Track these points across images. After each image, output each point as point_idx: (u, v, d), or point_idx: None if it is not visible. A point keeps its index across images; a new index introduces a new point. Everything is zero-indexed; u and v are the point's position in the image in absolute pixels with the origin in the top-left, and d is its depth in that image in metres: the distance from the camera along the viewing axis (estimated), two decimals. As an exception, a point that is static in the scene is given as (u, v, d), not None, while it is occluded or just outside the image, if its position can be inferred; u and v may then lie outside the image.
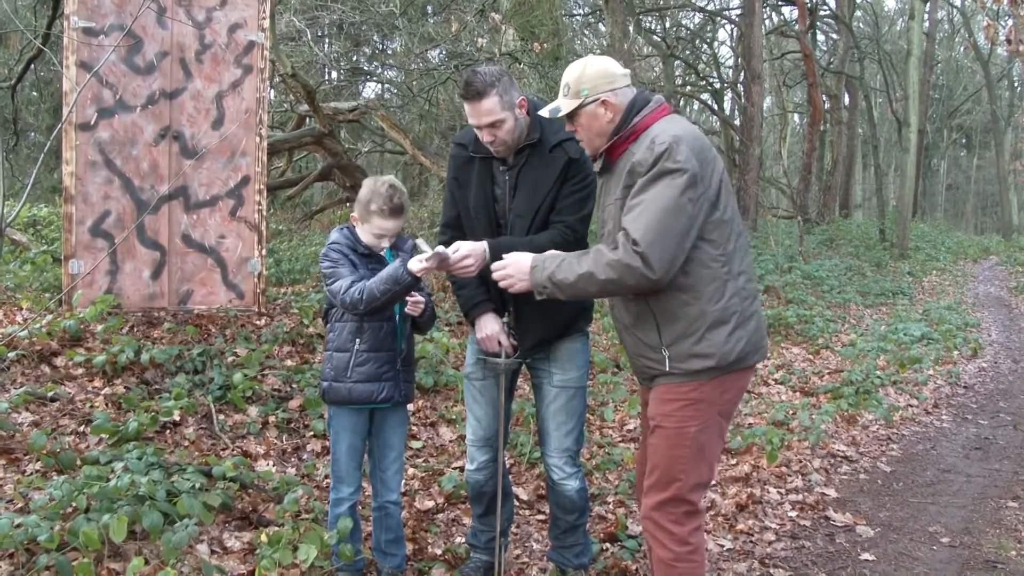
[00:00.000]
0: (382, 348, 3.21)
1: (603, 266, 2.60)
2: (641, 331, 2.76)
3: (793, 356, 8.63)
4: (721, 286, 2.64)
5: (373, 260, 3.22)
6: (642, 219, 2.55)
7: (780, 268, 12.81)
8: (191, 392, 4.89)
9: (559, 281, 2.69)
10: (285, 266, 8.66)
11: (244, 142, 6.07)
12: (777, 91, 21.82)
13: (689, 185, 2.54)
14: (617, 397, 6.19)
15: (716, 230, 2.64)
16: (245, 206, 6.11)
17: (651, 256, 2.52)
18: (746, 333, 2.69)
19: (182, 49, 5.89)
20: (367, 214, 3.16)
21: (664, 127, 2.66)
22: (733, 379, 2.73)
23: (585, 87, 2.74)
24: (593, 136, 2.80)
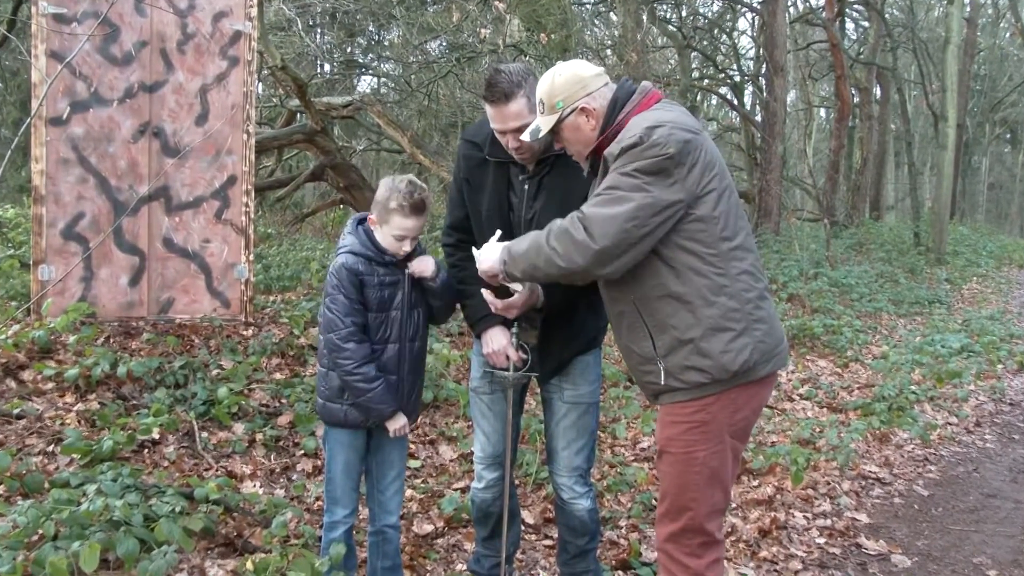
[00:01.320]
0: (385, 371, 3.20)
1: (551, 236, 2.62)
2: (635, 343, 2.74)
3: (819, 369, 8.59)
4: (715, 289, 2.59)
5: (389, 268, 3.20)
6: (596, 198, 2.58)
7: (805, 275, 12.77)
8: (172, 408, 4.88)
9: (515, 252, 2.74)
10: (274, 272, 8.64)
11: (230, 139, 6.07)
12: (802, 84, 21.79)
13: (656, 170, 2.51)
14: (630, 413, 6.17)
15: (704, 228, 2.59)
16: (231, 208, 6.10)
17: (592, 224, 2.52)
18: (752, 340, 2.63)
19: (163, 39, 5.89)
20: (386, 213, 3.14)
21: (645, 117, 2.64)
22: (745, 395, 2.68)
23: (559, 99, 2.74)
24: (581, 146, 2.81)
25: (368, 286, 3.15)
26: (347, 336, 3.10)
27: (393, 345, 3.20)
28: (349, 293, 3.11)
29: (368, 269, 3.16)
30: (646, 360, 2.72)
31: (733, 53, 21.94)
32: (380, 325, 3.17)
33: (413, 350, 3.27)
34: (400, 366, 3.22)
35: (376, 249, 3.17)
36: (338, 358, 3.11)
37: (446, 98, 14.12)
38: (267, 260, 9.42)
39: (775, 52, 15.74)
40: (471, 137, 3.30)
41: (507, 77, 2.98)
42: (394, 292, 3.19)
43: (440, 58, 13.31)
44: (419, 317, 3.28)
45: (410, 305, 3.24)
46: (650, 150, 2.51)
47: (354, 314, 3.12)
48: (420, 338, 3.31)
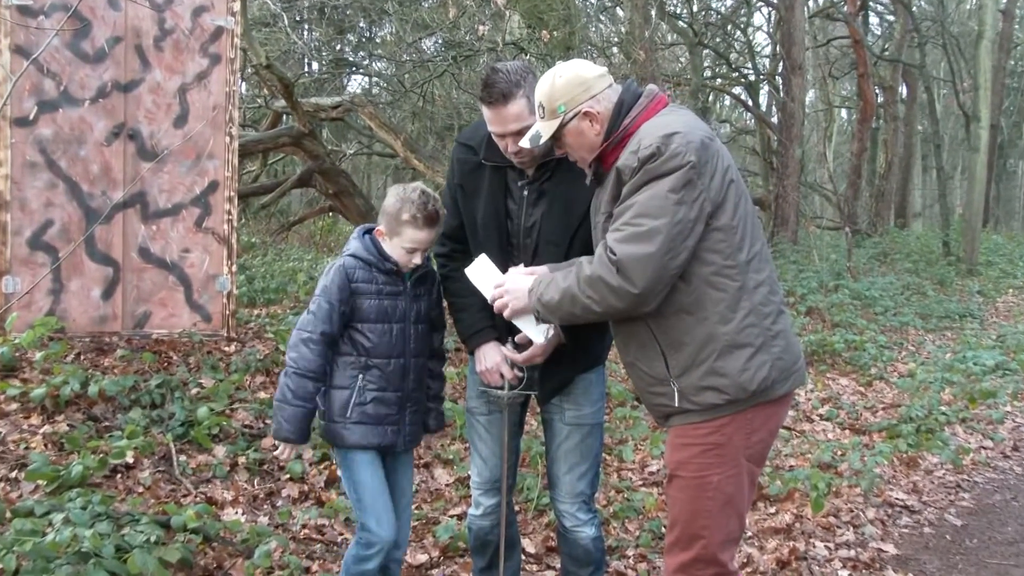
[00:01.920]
0: (389, 387, 3.21)
1: (582, 283, 2.61)
2: (646, 362, 2.73)
3: (841, 388, 8.57)
4: (732, 303, 2.60)
5: (390, 277, 3.21)
6: (623, 228, 2.55)
7: (825, 287, 12.76)
8: (147, 430, 4.86)
9: (547, 302, 2.72)
10: (259, 284, 8.64)
11: (211, 142, 6.07)
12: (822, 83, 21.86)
13: (683, 184, 2.51)
14: (637, 434, 6.15)
15: (723, 238, 2.60)
16: (213, 215, 6.10)
17: (628, 268, 2.51)
18: (770, 357, 2.63)
19: (138, 34, 5.90)
20: (397, 225, 3.15)
21: (655, 124, 2.64)
22: (762, 415, 2.68)
23: (560, 102, 2.73)
24: (585, 152, 2.80)
25: (364, 295, 3.17)
26: (307, 340, 3.12)
27: (398, 360, 3.22)
28: (333, 299, 3.13)
29: (367, 276, 3.18)
30: (658, 381, 2.71)
31: (748, 51, 21.97)
32: (383, 337, 3.19)
33: (418, 367, 3.29)
34: (404, 382, 3.24)
35: (380, 255, 3.19)
36: (288, 355, 3.15)
37: (442, 99, 14.14)
38: (251, 271, 9.41)
39: (793, 49, 15.77)
40: (466, 140, 3.30)
41: (505, 76, 2.97)
42: (395, 304, 3.21)
43: (435, 56, 13.33)
44: (424, 332, 3.30)
45: (415, 318, 3.25)
46: (671, 162, 2.51)
47: (327, 323, 3.13)
48: (425, 355, 3.33)
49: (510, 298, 2.89)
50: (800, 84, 16.12)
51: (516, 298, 2.88)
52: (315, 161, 11.45)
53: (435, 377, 3.44)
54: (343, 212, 12.22)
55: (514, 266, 3.21)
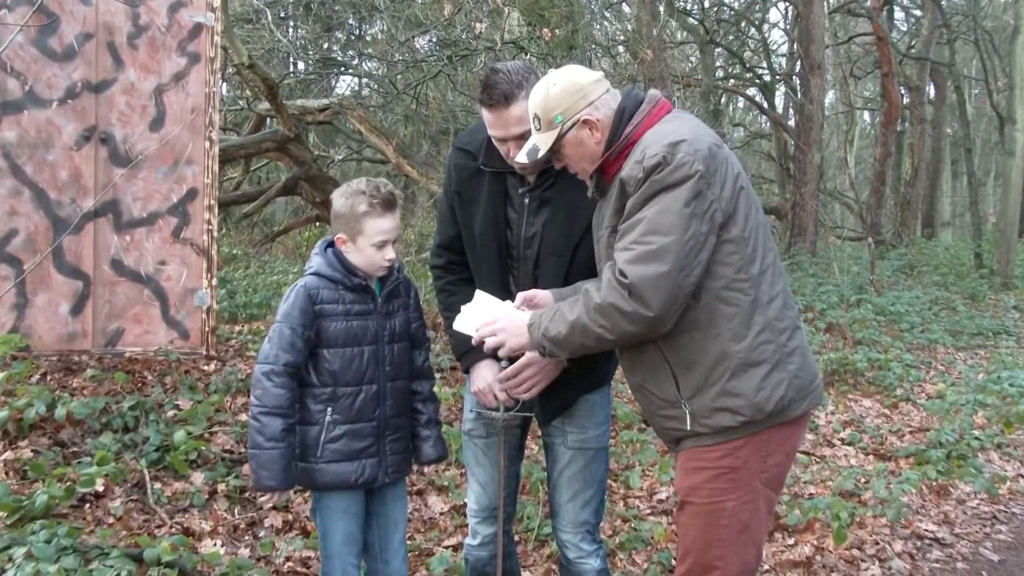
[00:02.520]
0: (362, 418, 3.16)
1: (592, 312, 2.59)
2: (654, 384, 2.73)
3: (864, 410, 8.55)
4: (746, 318, 2.60)
5: (359, 295, 3.17)
6: (632, 247, 2.55)
7: (846, 301, 12.74)
8: (119, 455, 4.84)
9: (555, 337, 2.69)
10: (240, 299, 8.64)
11: (190, 147, 6.08)
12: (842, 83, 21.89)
13: (692, 195, 2.52)
14: (645, 459, 6.13)
15: (734, 250, 2.60)
16: (191, 225, 6.10)
17: (640, 290, 2.50)
18: (786, 375, 2.64)
19: (110, 31, 5.91)
20: (356, 222, 3.10)
21: (660, 132, 2.65)
22: (778, 437, 2.68)
23: (557, 112, 2.73)
24: (586, 164, 2.80)
25: (330, 316, 3.11)
26: (269, 373, 3.04)
27: (369, 387, 3.17)
28: (295, 324, 3.07)
29: (333, 295, 3.13)
30: (668, 403, 2.71)
31: (763, 49, 22.07)
32: (351, 363, 3.13)
33: (396, 392, 3.24)
34: (379, 410, 3.19)
35: (345, 270, 3.15)
36: (252, 393, 3.09)
37: (436, 101, 14.17)
38: (232, 285, 9.41)
39: (811, 47, 15.82)
40: (463, 145, 3.31)
41: (506, 77, 2.98)
42: (364, 324, 3.16)
43: (430, 56, 13.35)
44: (401, 352, 3.25)
45: (389, 338, 3.21)
46: (678, 172, 2.51)
47: (291, 352, 3.06)
48: (406, 377, 3.28)
49: (506, 336, 2.85)
50: (819, 85, 16.17)
51: (514, 335, 2.84)
52: (301, 167, 11.47)
53: (426, 400, 3.38)
54: (330, 221, 12.22)
55: (513, 278, 3.21)
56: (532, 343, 2.79)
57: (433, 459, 3.40)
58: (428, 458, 3.38)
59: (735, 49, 21.38)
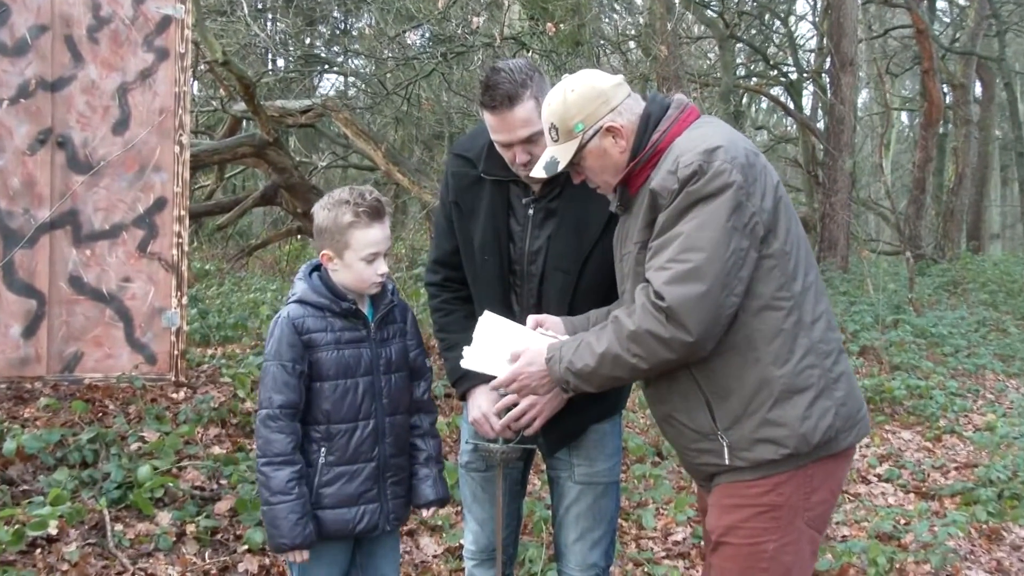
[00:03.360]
0: (360, 458, 3.15)
1: (624, 340, 2.59)
2: (686, 414, 2.73)
3: (903, 443, 8.52)
4: (789, 340, 2.61)
5: (349, 321, 3.15)
6: (668, 266, 2.54)
7: (882, 322, 12.72)
8: (76, 494, 4.82)
9: (580, 371, 2.68)
10: (213, 319, 8.63)
11: (158, 152, 6.08)
12: (878, 81, 21.87)
13: (733, 208, 2.52)
14: (659, 496, 6.10)
15: (775, 265, 2.61)
16: (159, 238, 6.10)
17: (680, 314, 2.50)
18: (833, 403, 2.64)
19: (68, 23, 5.92)
20: (342, 235, 3.08)
21: (691, 138, 2.65)
22: (823, 472, 2.68)
23: (577, 120, 2.73)
24: (609, 176, 2.80)
25: (320, 347, 3.09)
26: (266, 419, 3.04)
27: (366, 422, 3.14)
28: (285, 360, 3.05)
29: (320, 323, 3.11)
30: (702, 436, 2.71)
31: (789, 44, 22.08)
32: (345, 396, 3.11)
33: (396, 427, 3.22)
34: (378, 448, 3.17)
35: (333, 295, 3.13)
36: (255, 443, 3.09)
37: (429, 103, 14.17)
38: (204, 304, 9.40)
39: (843, 42, 15.85)
40: (462, 151, 3.32)
41: (509, 76, 3.00)
42: (357, 353, 3.14)
43: (422, 53, 13.37)
44: (400, 383, 3.23)
45: (385, 368, 3.19)
46: (715, 181, 2.52)
47: (285, 391, 3.04)
48: (405, 411, 3.27)
49: (530, 380, 2.83)
50: (851, 83, 16.19)
51: (537, 379, 2.82)
52: (281, 175, 11.48)
53: (426, 435, 3.35)
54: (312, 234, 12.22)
55: (516, 296, 3.21)
56: (553, 379, 2.77)
57: (432, 501, 3.34)
58: (427, 500, 3.33)
59: (758, 44, 21.40)
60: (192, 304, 8.33)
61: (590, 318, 3.07)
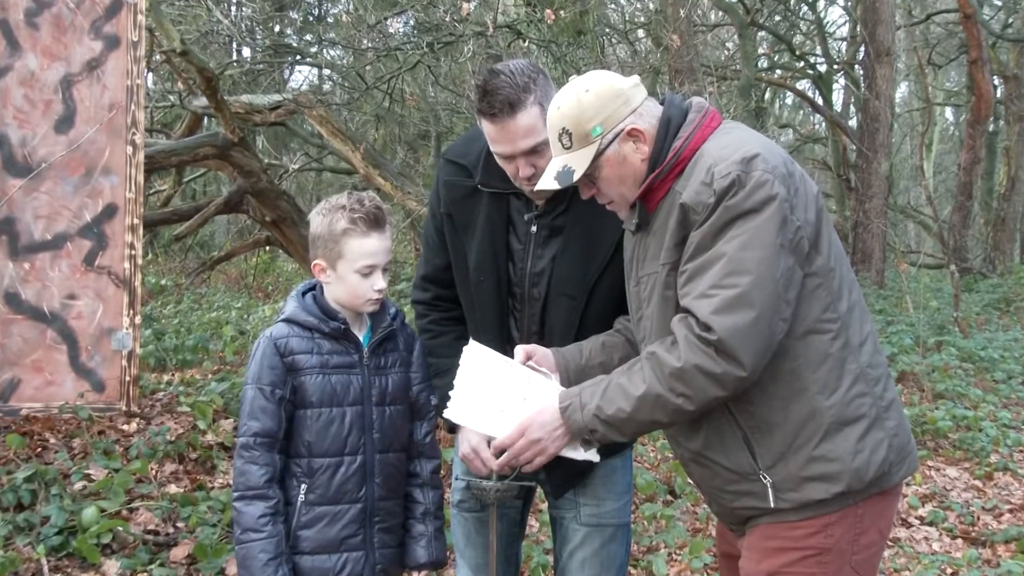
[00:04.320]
0: (344, 498, 3.12)
1: (669, 379, 2.56)
2: (720, 452, 2.72)
3: (949, 481, 8.50)
4: (837, 366, 2.61)
5: (340, 344, 3.14)
6: (711, 292, 2.53)
7: (924, 345, 12.72)
8: (10, 540, 4.79)
9: (612, 417, 2.65)
10: (170, 341, 8.61)
11: (107, 153, 6.07)
12: (918, 73, 21.91)
13: (779, 223, 2.52)
14: (672, 539, 6.08)
15: (820, 283, 2.62)
16: (108, 250, 6.08)
17: (730, 346, 2.48)
18: (885, 434, 2.65)
19: (3, 6, 5.92)
20: (336, 244, 3.08)
21: (722, 146, 2.64)
22: (873, 511, 2.68)
23: (595, 123, 2.71)
24: (627, 188, 2.77)
25: (304, 370, 3.09)
26: (242, 448, 3.04)
27: (352, 458, 3.12)
28: (264, 383, 3.05)
29: (306, 345, 3.11)
30: (740, 476, 2.70)
31: (817, 32, 22.15)
32: (328, 427, 3.09)
33: (388, 467, 3.19)
34: (365, 488, 3.14)
35: (323, 313, 3.13)
36: (232, 475, 3.07)
37: (414, 98, 14.21)
38: (160, 324, 9.39)
39: (879, 29, 15.89)
40: (456, 157, 3.31)
41: (509, 80, 2.98)
42: (346, 380, 3.13)
43: (406, 43, 13.38)
44: (395, 418, 3.21)
45: (378, 399, 3.17)
46: (757, 194, 2.51)
47: (262, 418, 3.04)
48: (400, 450, 3.24)
49: (542, 434, 2.79)
50: (888, 75, 16.23)
51: (549, 433, 2.79)
52: (247, 179, 11.44)
53: (424, 486, 3.31)
54: (284, 246, 12.22)
55: (515, 322, 3.19)
56: (572, 431, 2.74)
57: (425, 564, 3.30)
58: (418, 562, 3.28)
59: (782, 32, 21.46)
60: (146, 324, 8.32)
61: (583, 350, 3.06)
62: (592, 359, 3.10)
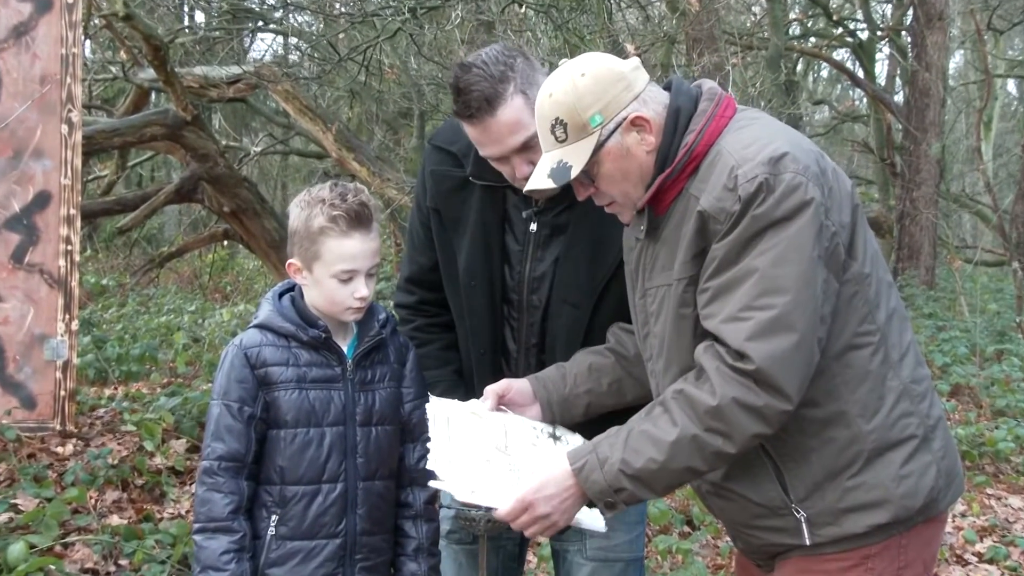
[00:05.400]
0: (320, 532, 3.11)
1: (704, 417, 2.53)
2: (747, 484, 2.72)
3: (1011, 512, 8.51)
4: (878, 384, 2.61)
5: (319, 355, 3.12)
6: (741, 314, 2.51)
7: (981, 354, 12.72)
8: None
9: (642, 471, 2.60)
10: (112, 350, 8.61)
11: (39, 133, 6.06)
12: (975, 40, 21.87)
13: (815, 231, 2.50)
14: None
15: (856, 291, 2.61)
16: (41, 245, 6.07)
17: (772, 376, 2.47)
18: (932, 457, 2.65)
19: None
20: (312, 243, 3.05)
21: (744, 143, 2.61)
22: (919, 541, 2.69)
23: (594, 110, 2.67)
24: (630, 185, 2.74)
25: (278, 384, 3.07)
26: (204, 473, 3.03)
27: (332, 486, 3.11)
28: (231, 399, 3.04)
29: (281, 355, 3.09)
30: (770, 511, 2.70)
31: (857, -5, 22.16)
32: (305, 450, 3.08)
33: (373, 496, 3.18)
34: (346, 522, 3.13)
35: (302, 320, 3.11)
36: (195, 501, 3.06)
37: (394, 71, 14.20)
38: (101, 330, 9.39)
39: (927, -8, 15.86)
40: (444, 144, 3.32)
41: (483, 72, 2.98)
42: (326, 396, 3.11)
43: (384, 8, 13.39)
44: (383, 440, 3.19)
45: (364, 418, 3.16)
46: (789, 199, 2.48)
47: (228, 438, 3.03)
48: (388, 477, 3.22)
49: (549, 507, 2.71)
50: (940, 43, 16.22)
51: (559, 503, 2.71)
52: (202, 163, 11.44)
53: (417, 518, 3.29)
54: (244, 240, 12.21)
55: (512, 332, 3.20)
56: (592, 494, 2.67)
57: None
58: None
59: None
60: (84, 330, 8.31)
61: (566, 376, 3.07)
62: (577, 387, 3.10)
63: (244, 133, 16.87)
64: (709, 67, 10.84)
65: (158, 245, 16.42)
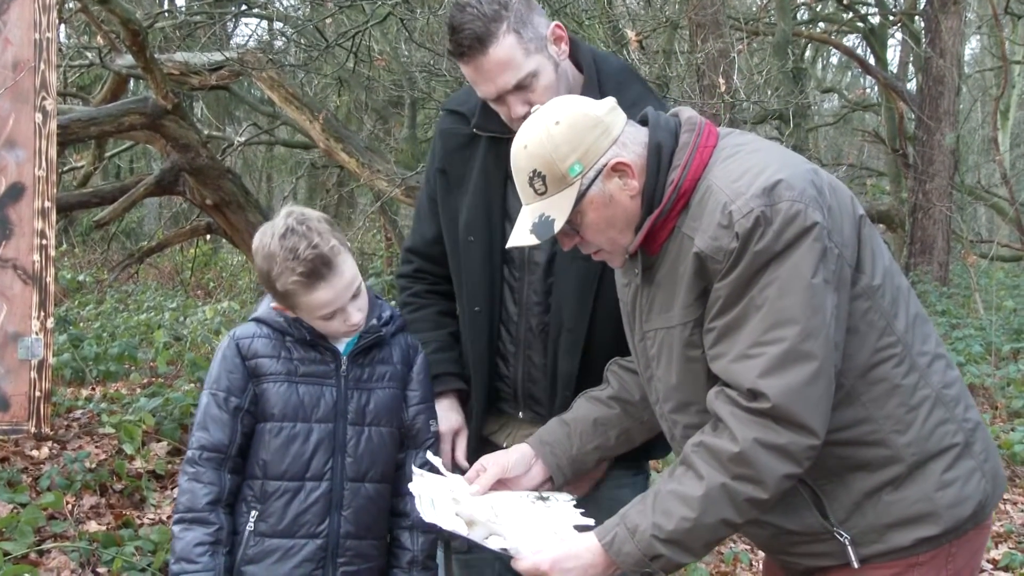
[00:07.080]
0: (297, 531, 3.12)
1: (729, 465, 2.53)
2: (785, 515, 2.72)
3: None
4: (906, 397, 2.62)
5: (315, 351, 3.17)
6: (752, 351, 2.51)
7: (997, 353, 12.73)
8: None
9: (675, 532, 2.58)
10: (90, 349, 8.61)
11: (12, 122, 6.06)
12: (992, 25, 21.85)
13: (818, 257, 2.49)
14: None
15: (869, 305, 2.62)
16: (14, 239, 6.07)
17: (793, 412, 2.47)
18: (976, 462, 2.67)
19: None
20: (283, 299, 3.11)
21: (733, 177, 2.59)
22: (966, 550, 2.71)
23: (572, 160, 2.65)
24: (616, 232, 2.73)
25: (267, 376, 3.11)
26: (186, 463, 3.07)
27: (315, 484, 3.13)
28: (220, 389, 3.09)
29: (273, 348, 3.14)
30: (811, 537, 2.71)
31: (869, -23, 22.15)
32: (289, 445, 3.10)
33: (362, 499, 3.19)
34: (328, 523, 3.14)
35: (295, 319, 3.15)
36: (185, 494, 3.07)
37: (384, 58, 14.21)
38: (78, 328, 9.38)
39: (942, -27, 15.86)
40: (455, 106, 3.44)
41: (476, 11, 3.05)
42: (317, 392, 3.14)
43: (374, -12, 13.42)
44: (377, 442, 3.20)
45: (356, 417, 3.17)
46: (789, 230, 2.48)
47: (212, 428, 3.07)
48: (379, 480, 3.22)
49: None
50: (955, 28, 16.22)
51: None
52: (183, 154, 11.43)
53: (414, 529, 3.29)
54: (228, 234, 12.20)
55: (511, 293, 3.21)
56: (630, 566, 2.64)
57: None
58: None
59: (827, -22, 21.49)
60: (60, 329, 8.31)
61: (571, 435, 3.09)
62: (585, 445, 3.11)
63: (227, 122, 16.85)
64: (713, 53, 10.84)
65: (137, 240, 16.41)
